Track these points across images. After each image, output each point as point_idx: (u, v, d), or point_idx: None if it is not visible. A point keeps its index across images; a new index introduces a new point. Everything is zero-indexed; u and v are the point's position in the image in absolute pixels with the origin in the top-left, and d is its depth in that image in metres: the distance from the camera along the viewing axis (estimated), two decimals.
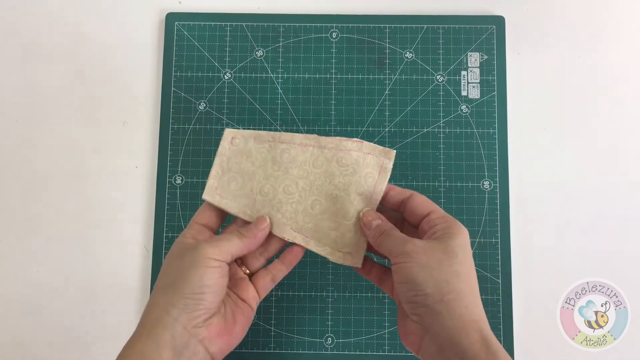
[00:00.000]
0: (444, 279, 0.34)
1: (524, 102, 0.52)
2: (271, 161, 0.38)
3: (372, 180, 0.38)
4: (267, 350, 0.48)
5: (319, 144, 0.38)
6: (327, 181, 0.38)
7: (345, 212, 0.38)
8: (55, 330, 0.50)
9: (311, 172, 0.38)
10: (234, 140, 0.39)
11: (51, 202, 0.51)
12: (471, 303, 0.34)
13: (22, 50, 0.54)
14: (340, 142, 0.38)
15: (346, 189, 0.38)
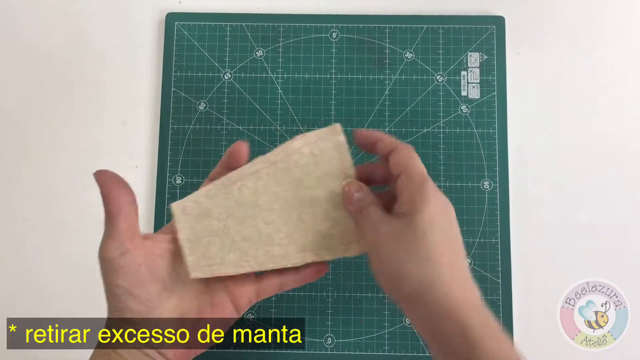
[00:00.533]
0: (412, 271, 0.30)
1: (524, 102, 0.52)
2: (236, 206, 0.35)
3: (337, 160, 0.36)
4: (267, 350, 0.48)
5: (269, 161, 0.36)
6: (298, 189, 0.36)
7: (333, 205, 0.36)
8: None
9: (278, 190, 0.36)
10: (185, 210, 0.35)
11: (51, 202, 0.51)
12: (448, 290, 0.29)
13: (22, 50, 0.54)
14: (286, 148, 0.36)
15: (320, 184, 0.36)
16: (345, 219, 0.36)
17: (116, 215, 0.32)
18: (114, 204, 0.32)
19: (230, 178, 0.35)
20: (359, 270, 0.49)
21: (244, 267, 0.35)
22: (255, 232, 0.36)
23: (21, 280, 0.50)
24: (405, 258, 0.30)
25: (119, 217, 0.32)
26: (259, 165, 0.35)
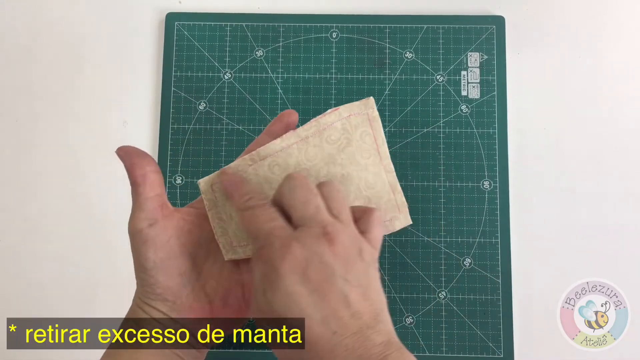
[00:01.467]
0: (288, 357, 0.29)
1: (524, 102, 0.52)
2: (265, 182, 0.34)
3: (370, 136, 0.34)
4: (267, 350, 0.48)
5: (300, 137, 0.34)
6: (330, 166, 0.34)
7: (366, 182, 0.34)
8: None
9: (311, 167, 0.34)
10: (214, 186, 0.34)
11: (51, 202, 0.51)
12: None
13: (22, 51, 0.54)
14: (318, 122, 0.34)
15: (352, 161, 0.34)
16: (378, 197, 0.34)
17: (141, 183, 0.31)
18: (139, 173, 0.31)
19: (260, 153, 0.34)
20: None
21: None
22: None
23: (21, 280, 0.50)
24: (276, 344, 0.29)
25: (144, 185, 0.31)
26: (290, 140, 0.34)
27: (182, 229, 0.32)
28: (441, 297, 0.49)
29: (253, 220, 0.29)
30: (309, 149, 0.34)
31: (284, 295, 0.27)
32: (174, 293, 0.31)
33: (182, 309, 0.31)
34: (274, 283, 0.27)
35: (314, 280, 0.27)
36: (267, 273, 0.27)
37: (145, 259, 0.30)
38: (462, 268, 0.49)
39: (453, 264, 0.49)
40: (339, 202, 0.30)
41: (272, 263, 0.27)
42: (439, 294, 0.49)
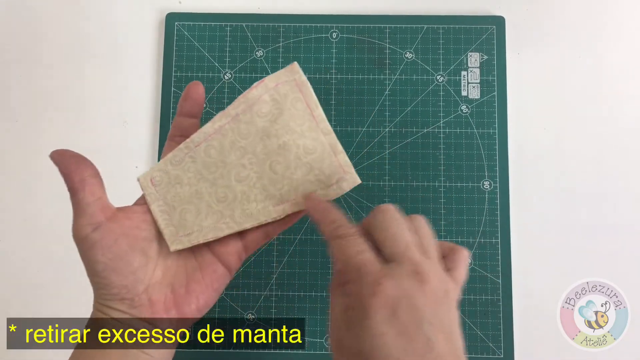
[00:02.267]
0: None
1: (524, 102, 0.52)
2: (204, 168, 0.34)
3: (301, 102, 0.33)
4: (267, 350, 0.48)
5: (230, 116, 0.34)
6: (265, 140, 0.34)
7: (305, 149, 0.33)
8: None
9: (245, 144, 0.34)
10: (153, 180, 0.34)
11: (51, 202, 0.51)
12: None
13: (22, 51, 0.54)
14: (246, 98, 0.34)
15: (287, 130, 0.33)
16: (320, 161, 0.33)
17: (80, 189, 0.30)
18: (77, 179, 0.31)
19: (194, 140, 0.34)
20: None
21: (223, 230, 0.34)
22: (229, 192, 0.34)
23: (21, 280, 0.50)
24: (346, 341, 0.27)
25: (83, 190, 0.30)
26: (221, 121, 0.34)
27: (129, 227, 0.32)
28: None
29: (342, 250, 0.29)
30: (241, 126, 0.34)
31: (372, 335, 0.26)
32: (130, 290, 0.31)
33: (142, 303, 0.31)
34: (362, 321, 0.26)
35: (403, 322, 0.26)
36: (355, 308, 0.27)
37: (95, 262, 0.30)
38: None
39: None
40: (428, 237, 0.30)
41: (362, 299, 0.27)
42: None
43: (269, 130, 0.34)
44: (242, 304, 0.49)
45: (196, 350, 0.48)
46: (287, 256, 0.50)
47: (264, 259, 0.50)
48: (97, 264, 0.30)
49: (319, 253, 0.50)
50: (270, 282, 0.49)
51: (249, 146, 0.34)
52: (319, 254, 0.50)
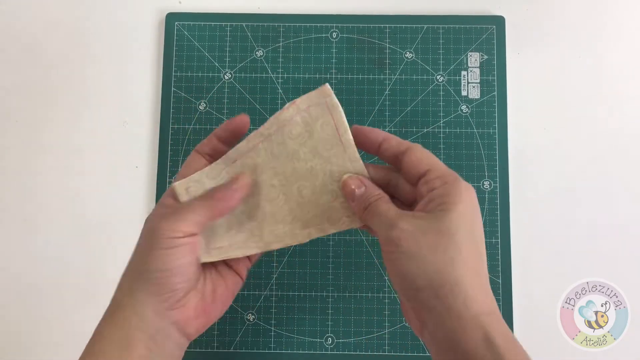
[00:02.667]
0: (436, 269, 0.28)
1: (524, 102, 0.52)
2: None
3: (330, 126, 0.34)
4: (267, 350, 0.48)
5: (263, 136, 0.34)
6: (295, 161, 0.34)
7: (331, 175, 0.34)
8: (55, 331, 0.50)
9: (276, 165, 0.34)
10: (188, 190, 0.34)
11: (51, 202, 0.51)
12: (471, 294, 0.28)
13: (22, 50, 0.54)
14: (277, 119, 0.34)
15: (315, 155, 0.34)
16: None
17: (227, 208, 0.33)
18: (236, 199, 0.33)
19: (229, 157, 0.34)
20: (359, 270, 0.49)
21: (251, 248, 0.35)
22: (259, 212, 0.35)
23: (21, 281, 0.50)
24: (429, 256, 0.29)
25: (221, 208, 0.33)
26: (254, 140, 0.34)
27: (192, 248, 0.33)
28: None
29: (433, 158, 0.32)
30: (273, 146, 0.34)
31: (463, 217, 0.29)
32: (177, 294, 0.32)
33: (180, 307, 0.32)
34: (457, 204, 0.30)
35: (475, 237, 0.30)
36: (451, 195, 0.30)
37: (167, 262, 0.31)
38: None
39: None
40: None
41: (459, 190, 0.30)
42: None
43: (298, 152, 0.34)
44: (242, 304, 0.49)
45: (196, 350, 0.48)
46: (287, 256, 0.50)
47: (264, 259, 0.50)
48: (169, 264, 0.31)
49: (319, 253, 0.50)
50: (270, 282, 0.49)
51: (279, 167, 0.34)
52: (319, 254, 0.50)
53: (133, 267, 0.33)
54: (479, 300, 0.29)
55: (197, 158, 0.36)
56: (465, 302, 0.28)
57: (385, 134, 0.34)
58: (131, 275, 0.32)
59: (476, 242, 0.30)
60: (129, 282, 0.32)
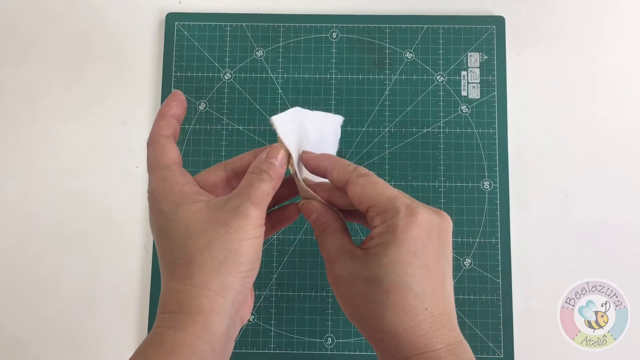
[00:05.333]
0: (367, 316, 0.28)
1: (524, 102, 0.52)
2: None
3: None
4: (267, 350, 0.48)
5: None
6: None
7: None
8: (55, 331, 0.50)
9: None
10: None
11: (51, 202, 0.51)
12: (405, 339, 0.27)
13: (22, 50, 0.54)
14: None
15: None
16: None
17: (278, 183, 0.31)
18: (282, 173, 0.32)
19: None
20: None
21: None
22: None
23: (21, 281, 0.50)
24: (360, 305, 0.28)
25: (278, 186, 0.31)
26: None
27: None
28: None
29: (370, 186, 0.29)
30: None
31: (392, 262, 0.27)
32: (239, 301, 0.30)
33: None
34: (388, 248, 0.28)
35: (428, 255, 0.28)
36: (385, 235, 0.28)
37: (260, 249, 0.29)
38: (462, 268, 0.49)
39: (453, 264, 0.49)
40: None
41: (395, 228, 0.28)
42: None
43: None
44: None
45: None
46: (287, 256, 0.50)
47: (264, 259, 0.50)
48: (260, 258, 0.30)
49: (319, 253, 0.50)
50: (270, 282, 0.49)
51: None
52: (319, 254, 0.50)
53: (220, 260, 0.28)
54: (415, 343, 0.27)
55: (171, 144, 0.32)
56: (398, 346, 0.27)
57: (327, 164, 0.32)
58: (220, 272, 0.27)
59: (411, 283, 0.27)
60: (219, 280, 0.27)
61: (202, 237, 0.28)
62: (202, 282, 0.27)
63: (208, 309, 0.27)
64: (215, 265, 0.27)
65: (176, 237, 0.28)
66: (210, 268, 0.27)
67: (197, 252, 0.28)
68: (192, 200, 0.29)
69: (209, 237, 0.28)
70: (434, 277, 0.28)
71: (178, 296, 0.27)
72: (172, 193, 0.30)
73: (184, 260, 0.28)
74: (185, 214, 0.29)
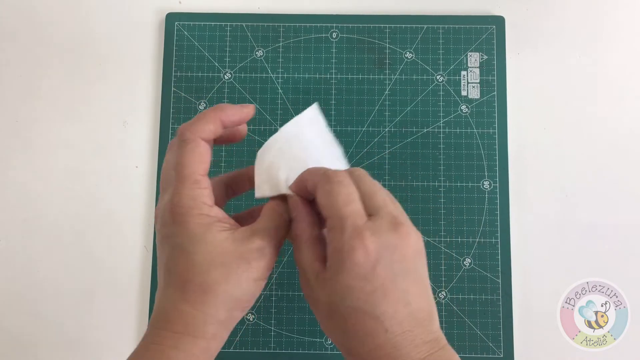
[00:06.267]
0: (336, 340, 0.29)
1: (524, 102, 0.52)
2: None
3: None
4: (267, 350, 0.48)
5: None
6: None
7: None
8: (55, 330, 0.50)
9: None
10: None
11: (51, 202, 0.51)
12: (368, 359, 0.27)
13: (22, 51, 0.54)
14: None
15: None
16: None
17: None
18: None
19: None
20: None
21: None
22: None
23: (21, 281, 0.50)
24: (329, 329, 0.29)
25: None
26: None
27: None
28: (441, 297, 0.49)
29: (332, 196, 0.28)
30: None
31: (344, 287, 0.27)
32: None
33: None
34: (337, 275, 0.27)
35: (381, 277, 0.26)
36: (331, 258, 0.27)
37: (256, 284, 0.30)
38: (462, 268, 0.49)
39: (453, 264, 0.49)
40: (391, 195, 0.30)
41: (341, 252, 0.27)
42: (439, 294, 0.49)
43: None
44: None
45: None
46: (287, 256, 0.50)
47: None
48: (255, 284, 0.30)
49: None
50: (270, 282, 0.49)
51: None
52: None
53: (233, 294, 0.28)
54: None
55: (208, 152, 0.31)
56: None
57: (305, 174, 0.31)
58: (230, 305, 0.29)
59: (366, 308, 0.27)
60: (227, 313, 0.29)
61: (224, 269, 0.28)
62: (214, 311, 0.28)
63: (211, 335, 0.28)
64: (228, 300, 0.28)
65: (198, 261, 0.28)
66: (223, 300, 0.28)
67: (215, 283, 0.28)
68: (221, 229, 0.29)
69: (229, 271, 0.28)
70: (392, 298, 0.26)
71: (187, 319, 0.28)
72: (202, 216, 0.29)
73: (200, 287, 0.28)
74: (214, 241, 0.28)
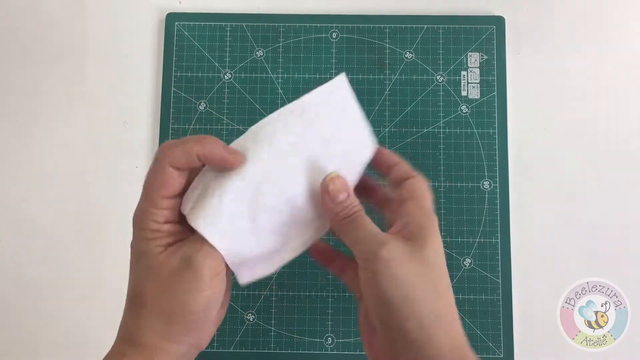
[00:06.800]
0: (422, 298, 0.28)
1: (524, 102, 0.52)
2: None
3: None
4: (267, 350, 0.48)
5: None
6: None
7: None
8: (55, 331, 0.50)
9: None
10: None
11: (51, 202, 0.51)
12: (450, 327, 0.29)
13: (22, 50, 0.54)
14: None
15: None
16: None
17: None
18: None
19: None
20: None
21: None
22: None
23: (21, 280, 0.50)
24: (416, 284, 0.28)
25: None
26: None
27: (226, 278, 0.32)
28: None
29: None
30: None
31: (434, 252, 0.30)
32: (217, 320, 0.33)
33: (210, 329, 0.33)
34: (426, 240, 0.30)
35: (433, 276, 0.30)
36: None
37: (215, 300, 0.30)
38: (462, 268, 0.49)
39: (453, 264, 0.49)
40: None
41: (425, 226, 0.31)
42: None
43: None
44: (242, 304, 0.49)
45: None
46: None
47: None
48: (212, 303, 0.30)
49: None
50: (270, 282, 0.49)
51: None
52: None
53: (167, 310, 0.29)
54: (454, 333, 0.30)
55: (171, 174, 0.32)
56: (446, 334, 0.29)
57: (399, 160, 0.36)
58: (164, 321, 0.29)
59: (446, 275, 0.31)
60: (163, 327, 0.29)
61: (157, 282, 0.29)
62: (149, 323, 0.29)
63: (152, 347, 0.29)
64: (160, 313, 0.29)
65: (135, 274, 0.30)
66: (157, 313, 0.29)
67: (147, 295, 0.29)
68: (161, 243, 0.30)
69: (161, 284, 0.29)
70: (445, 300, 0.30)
71: (129, 328, 0.30)
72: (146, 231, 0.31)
73: (137, 299, 0.30)
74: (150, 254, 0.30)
